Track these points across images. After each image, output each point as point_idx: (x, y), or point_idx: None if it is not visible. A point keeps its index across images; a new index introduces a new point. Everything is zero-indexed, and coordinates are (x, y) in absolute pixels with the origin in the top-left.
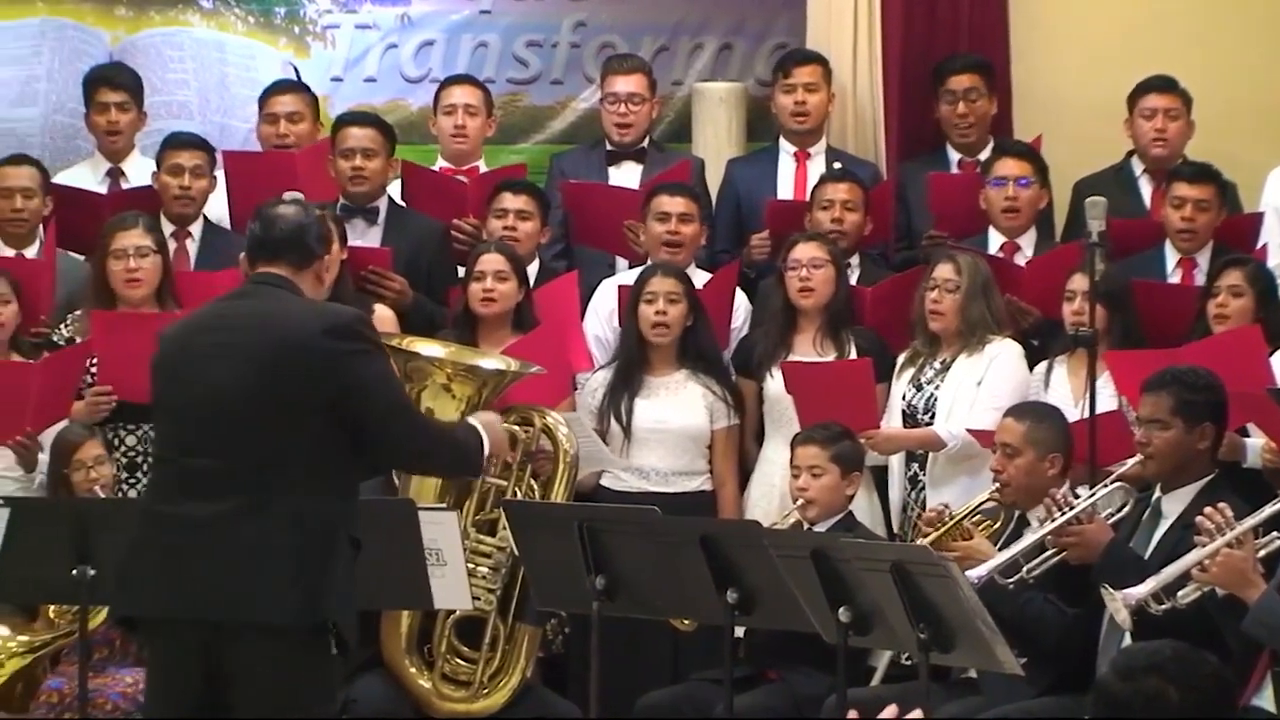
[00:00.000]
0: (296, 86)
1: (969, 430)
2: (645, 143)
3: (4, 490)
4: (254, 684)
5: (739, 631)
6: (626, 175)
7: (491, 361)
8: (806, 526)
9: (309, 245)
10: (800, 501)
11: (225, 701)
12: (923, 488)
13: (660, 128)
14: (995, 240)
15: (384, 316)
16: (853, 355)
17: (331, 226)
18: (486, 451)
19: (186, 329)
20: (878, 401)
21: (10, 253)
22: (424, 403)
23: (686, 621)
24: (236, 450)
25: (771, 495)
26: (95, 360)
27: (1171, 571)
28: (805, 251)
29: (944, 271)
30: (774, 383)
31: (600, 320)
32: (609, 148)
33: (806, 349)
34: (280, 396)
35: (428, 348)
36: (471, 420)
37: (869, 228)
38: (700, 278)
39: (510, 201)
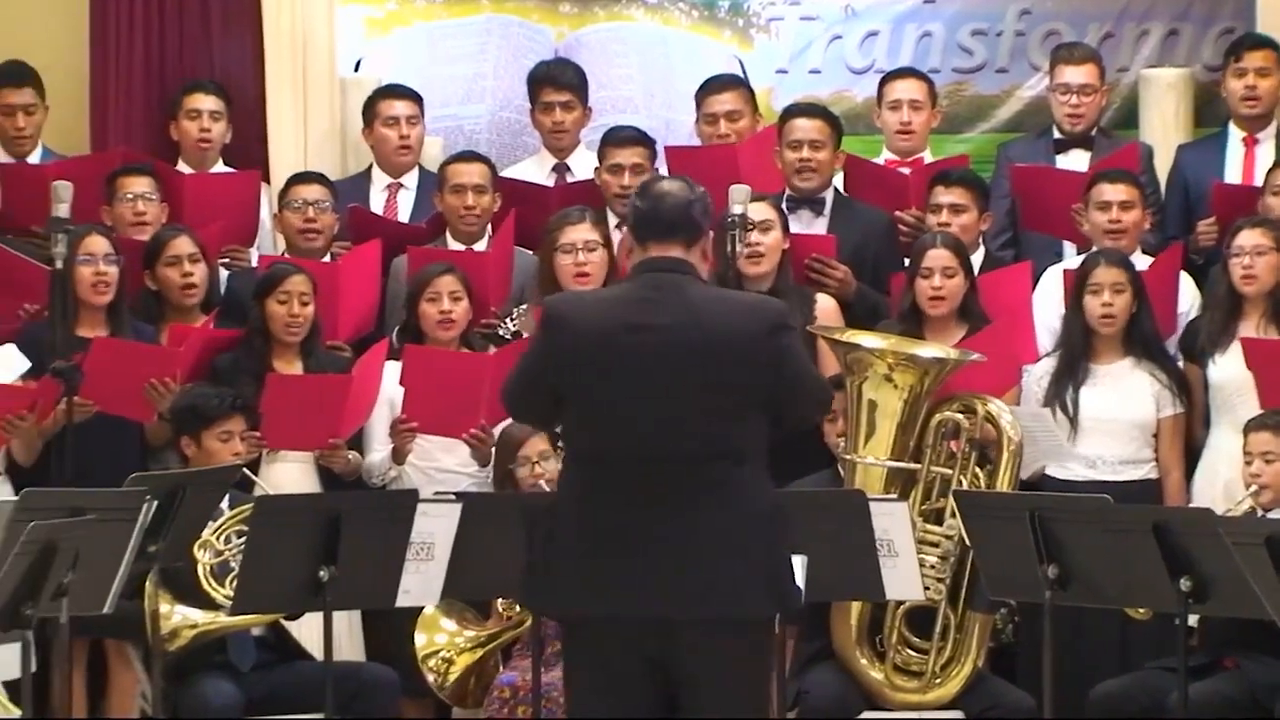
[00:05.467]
0: (734, 82)
1: None
2: (1093, 130)
3: (458, 486)
4: (717, 677)
5: (1192, 619)
6: (1074, 162)
7: (930, 350)
8: (1260, 513)
9: (697, 221)
10: (1254, 488)
11: (673, 697)
12: None
13: (1107, 115)
14: None
15: (827, 308)
16: None
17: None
18: None
19: (601, 321)
20: None
21: (459, 248)
22: (866, 394)
23: (1143, 610)
24: (684, 447)
25: (1216, 483)
26: None
27: None
28: (1249, 238)
29: None
30: (1217, 369)
31: (1046, 308)
32: (1056, 135)
33: (1250, 334)
34: (726, 392)
35: (868, 339)
36: None
37: None
38: (1143, 263)
39: (943, 195)
